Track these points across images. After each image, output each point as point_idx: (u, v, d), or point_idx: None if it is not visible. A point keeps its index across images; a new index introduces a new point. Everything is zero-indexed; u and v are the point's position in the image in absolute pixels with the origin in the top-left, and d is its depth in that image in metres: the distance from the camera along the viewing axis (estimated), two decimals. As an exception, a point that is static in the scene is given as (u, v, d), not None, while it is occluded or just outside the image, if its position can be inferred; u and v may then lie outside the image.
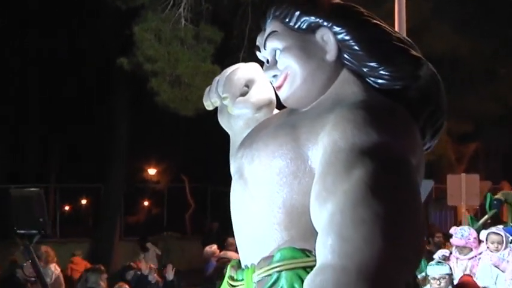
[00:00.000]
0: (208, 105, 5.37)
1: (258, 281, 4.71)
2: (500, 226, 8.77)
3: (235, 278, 4.93)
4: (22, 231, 4.88)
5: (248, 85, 5.15)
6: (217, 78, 5.29)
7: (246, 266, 4.86)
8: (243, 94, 5.18)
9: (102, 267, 12.21)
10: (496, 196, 9.04)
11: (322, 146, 4.57)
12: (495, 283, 8.06)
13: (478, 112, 22.47)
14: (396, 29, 15.49)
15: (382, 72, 4.88)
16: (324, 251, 4.25)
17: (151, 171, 41.01)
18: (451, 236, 8.13)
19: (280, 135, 4.78)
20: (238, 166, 4.89)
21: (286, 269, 4.66)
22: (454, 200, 18.65)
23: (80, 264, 18.01)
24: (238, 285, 4.87)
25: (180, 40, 20.39)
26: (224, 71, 5.27)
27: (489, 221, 8.79)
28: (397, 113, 4.80)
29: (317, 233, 4.25)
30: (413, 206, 4.53)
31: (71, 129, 32.63)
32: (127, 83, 26.68)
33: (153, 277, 13.71)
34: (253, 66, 5.32)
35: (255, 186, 4.82)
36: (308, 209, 4.45)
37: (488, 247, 7.93)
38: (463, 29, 20.60)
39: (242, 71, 5.22)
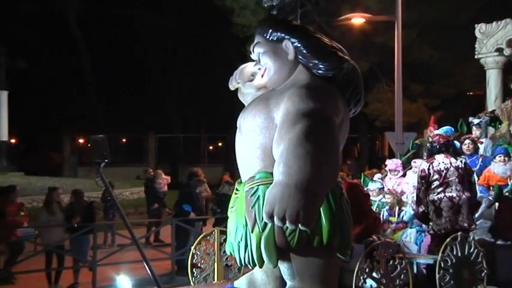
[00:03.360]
0: (231, 87, 5.29)
1: (246, 191, 4.57)
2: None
3: (237, 189, 4.81)
4: (96, 160, 4.61)
5: (253, 75, 4.99)
6: (236, 71, 5.16)
7: (242, 182, 4.72)
8: (250, 80, 5.04)
9: (231, 180, 12.05)
10: (415, 141, 8.41)
11: (281, 110, 4.43)
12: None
13: (442, 94, 21.89)
14: (396, 46, 14.92)
15: (320, 66, 4.69)
16: (277, 173, 4.12)
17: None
18: (386, 165, 7.54)
19: (259, 104, 4.65)
20: (239, 123, 4.79)
21: (261, 184, 4.51)
22: (428, 145, 17.93)
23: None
24: (238, 193, 4.74)
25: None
26: (240, 67, 5.14)
27: (411, 156, 8.09)
28: (327, 90, 4.60)
29: None
30: (332, 147, 4.34)
31: (211, 104, 32.28)
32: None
33: None
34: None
35: (245, 134, 4.71)
36: None
37: (412, 170, 7.30)
38: (435, 46, 20.04)
39: (250, 66, 5.09)
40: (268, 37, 4.87)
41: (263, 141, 4.51)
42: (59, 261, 9.49)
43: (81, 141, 34.59)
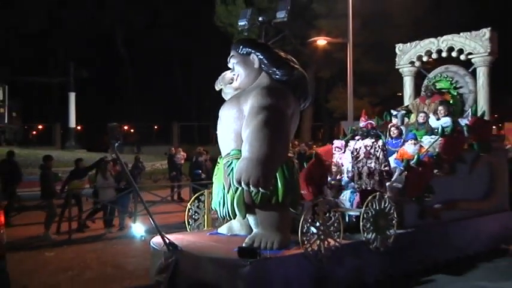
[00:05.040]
0: (217, 88, 5.26)
1: (224, 163, 4.56)
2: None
3: (218, 162, 4.80)
4: (111, 141, 4.47)
5: (232, 79, 4.96)
6: (219, 77, 5.13)
7: (221, 157, 4.71)
8: (230, 83, 5.00)
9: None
10: (353, 128, 8.14)
11: (248, 105, 4.43)
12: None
13: (381, 94, 21.79)
14: (348, 60, 14.76)
15: (277, 72, 4.66)
16: (243, 150, 4.12)
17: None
18: (333, 144, 7.23)
19: (233, 101, 4.63)
20: (220, 114, 4.76)
21: (234, 159, 4.51)
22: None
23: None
24: (219, 165, 4.72)
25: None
26: (222, 73, 5.11)
27: (349, 138, 7.67)
28: (282, 91, 4.59)
29: None
30: (284, 132, 4.37)
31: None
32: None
33: None
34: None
35: (223, 122, 4.70)
36: None
37: (347, 148, 7.02)
38: (376, 60, 19.72)
39: (229, 73, 5.04)
40: (239, 51, 4.85)
41: (236, 128, 4.52)
42: (110, 212, 9.65)
43: (125, 127, 34.54)
